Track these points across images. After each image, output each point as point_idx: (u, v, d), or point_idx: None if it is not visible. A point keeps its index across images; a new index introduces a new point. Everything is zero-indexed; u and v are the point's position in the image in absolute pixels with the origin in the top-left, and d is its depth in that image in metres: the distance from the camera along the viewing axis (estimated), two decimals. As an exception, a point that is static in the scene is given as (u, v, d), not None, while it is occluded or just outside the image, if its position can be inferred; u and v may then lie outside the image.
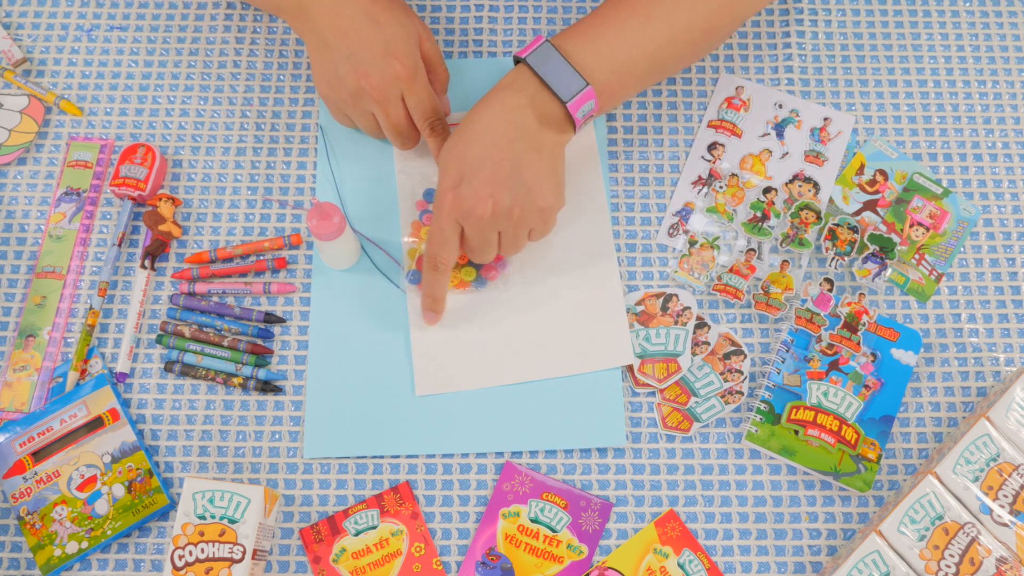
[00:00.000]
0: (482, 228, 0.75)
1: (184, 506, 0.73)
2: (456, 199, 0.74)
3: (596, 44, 0.77)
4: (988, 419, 0.76)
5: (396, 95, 0.79)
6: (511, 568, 0.77)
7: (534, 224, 0.77)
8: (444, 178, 0.76)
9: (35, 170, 0.88)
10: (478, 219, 0.74)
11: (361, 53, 0.77)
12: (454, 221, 0.75)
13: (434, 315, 0.81)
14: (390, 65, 0.77)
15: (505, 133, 0.75)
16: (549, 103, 0.76)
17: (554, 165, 0.77)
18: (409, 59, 0.78)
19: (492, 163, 0.74)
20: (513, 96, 0.76)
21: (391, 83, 0.78)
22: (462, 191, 0.74)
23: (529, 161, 0.75)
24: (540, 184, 0.76)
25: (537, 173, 0.75)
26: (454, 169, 0.75)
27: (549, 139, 0.77)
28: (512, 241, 0.78)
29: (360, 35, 0.77)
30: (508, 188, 0.74)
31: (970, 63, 0.92)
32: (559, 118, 0.77)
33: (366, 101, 0.79)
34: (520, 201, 0.75)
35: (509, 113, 0.75)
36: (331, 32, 0.78)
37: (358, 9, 0.78)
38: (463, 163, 0.75)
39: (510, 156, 0.74)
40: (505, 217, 0.75)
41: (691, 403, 0.81)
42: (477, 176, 0.74)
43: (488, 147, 0.74)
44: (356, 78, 0.78)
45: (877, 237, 0.84)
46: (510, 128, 0.75)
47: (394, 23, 0.78)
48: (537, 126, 0.76)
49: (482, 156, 0.74)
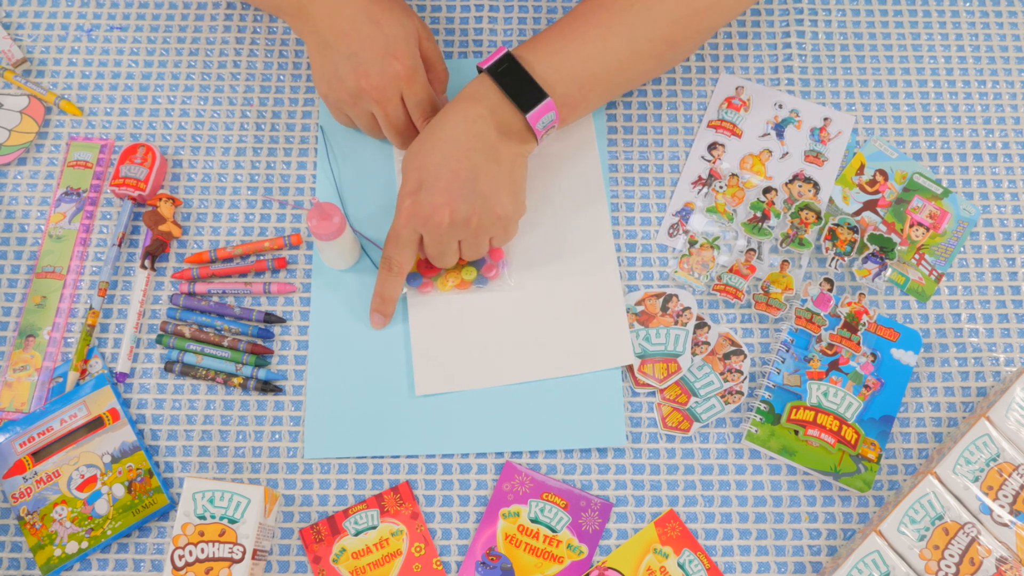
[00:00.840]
0: (440, 236, 0.76)
1: (184, 506, 0.73)
2: (414, 206, 0.76)
3: (557, 57, 0.78)
4: (988, 419, 0.76)
5: (396, 95, 0.79)
6: (511, 568, 0.77)
7: (494, 232, 0.78)
8: (404, 184, 0.77)
9: (35, 170, 0.88)
10: (435, 227, 0.76)
11: (361, 53, 0.77)
12: (412, 228, 0.77)
13: (381, 317, 0.82)
14: (390, 65, 0.78)
15: (464, 143, 0.76)
16: (509, 114, 0.77)
17: (512, 175, 0.78)
18: (409, 59, 0.78)
19: (450, 172, 0.75)
20: (474, 106, 0.77)
21: (391, 83, 0.78)
22: (420, 198, 0.75)
23: (487, 171, 0.76)
24: (497, 193, 0.76)
25: (494, 183, 0.76)
26: (414, 176, 0.76)
27: (509, 150, 0.77)
28: (473, 248, 0.79)
29: (360, 35, 0.78)
30: (464, 198, 0.75)
31: (970, 63, 0.92)
32: (519, 129, 0.78)
33: (366, 101, 0.79)
34: (477, 210, 0.76)
35: (470, 123, 0.76)
36: (331, 32, 0.78)
37: (358, 9, 0.78)
38: (423, 170, 0.76)
39: (468, 166, 0.75)
40: (463, 226, 0.76)
41: (691, 403, 0.81)
42: (435, 185, 0.75)
43: (447, 156, 0.75)
44: (356, 78, 0.78)
45: (877, 237, 0.84)
46: (469, 138, 0.76)
47: (394, 23, 0.78)
48: (497, 136, 0.77)
49: (440, 164, 0.75)
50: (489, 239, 0.79)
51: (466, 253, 0.80)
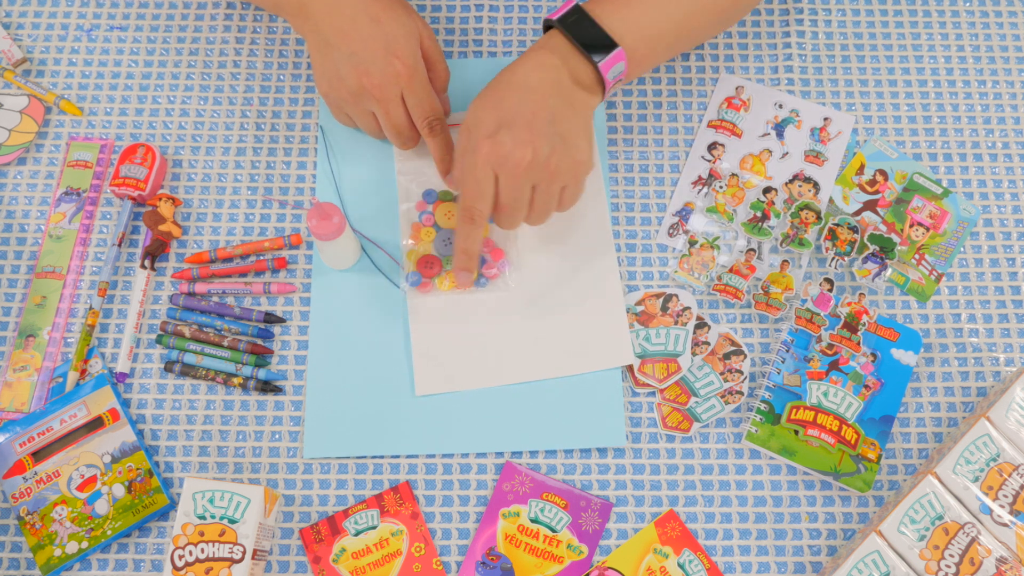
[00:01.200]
0: (518, 177, 0.74)
1: (184, 506, 0.73)
2: (494, 145, 0.73)
3: (625, 10, 0.78)
4: (988, 419, 0.76)
5: (396, 94, 0.79)
6: (511, 568, 0.77)
7: (567, 180, 0.76)
8: (477, 127, 0.75)
9: (35, 170, 0.88)
10: (515, 165, 0.73)
11: (362, 52, 0.77)
12: (490, 170, 0.74)
13: (467, 274, 0.80)
14: (390, 64, 0.78)
15: (540, 88, 0.75)
16: (580, 64, 0.77)
17: (587, 124, 0.78)
18: (409, 58, 0.78)
19: (529, 112, 0.74)
20: (547, 56, 0.77)
21: (391, 82, 0.78)
22: (501, 138, 0.73)
23: (564, 115, 0.75)
24: (576, 138, 0.76)
25: (572, 127, 0.76)
26: (490, 118, 0.75)
27: (581, 98, 0.77)
28: (545, 199, 0.76)
29: (361, 34, 0.78)
30: (546, 137, 0.74)
31: (970, 63, 0.92)
32: (590, 80, 0.78)
33: (366, 100, 0.79)
34: (558, 151, 0.74)
35: (543, 70, 0.76)
36: (332, 31, 0.78)
37: (359, 8, 0.78)
38: (499, 112, 0.74)
39: (546, 108, 0.74)
40: (543, 167, 0.74)
41: (691, 403, 0.81)
42: (515, 123, 0.74)
43: (524, 99, 0.75)
44: (357, 77, 0.78)
45: (877, 237, 0.84)
46: (546, 84, 0.75)
47: (394, 22, 0.78)
48: (570, 84, 0.76)
49: (519, 106, 0.74)
50: (561, 189, 0.77)
51: (537, 203, 0.77)
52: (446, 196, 0.86)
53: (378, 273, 0.85)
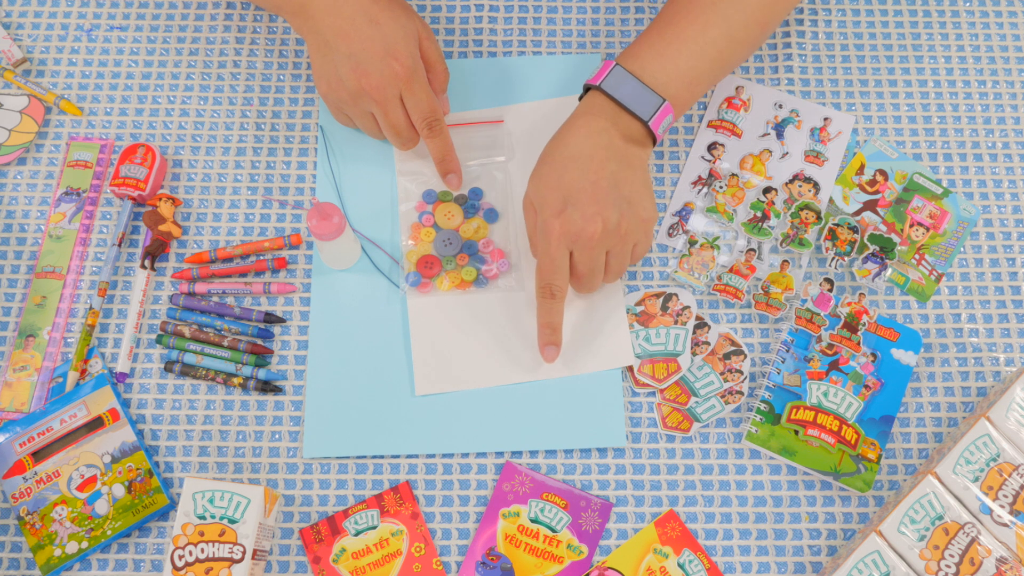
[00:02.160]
0: (593, 248, 0.76)
1: (184, 506, 0.73)
2: (565, 223, 0.75)
3: (663, 60, 0.79)
4: (988, 419, 0.76)
5: (395, 95, 0.79)
6: (511, 568, 0.77)
7: (638, 237, 0.78)
8: (545, 207, 0.76)
9: (35, 170, 0.88)
10: (589, 239, 0.75)
11: (361, 53, 0.78)
12: (564, 247, 0.76)
13: (554, 348, 0.80)
14: (389, 65, 0.78)
15: (595, 155, 0.76)
16: (630, 123, 0.78)
17: (646, 179, 0.79)
18: (408, 59, 0.78)
19: (591, 184, 0.75)
20: (595, 120, 0.77)
21: (390, 83, 0.78)
22: (569, 215, 0.75)
23: (625, 177, 0.77)
24: (640, 197, 0.77)
25: (634, 187, 0.77)
26: (554, 196, 0.76)
27: (636, 154, 0.78)
28: (620, 259, 0.78)
29: (360, 35, 0.78)
30: (613, 205, 0.75)
31: (970, 63, 0.92)
32: (641, 135, 0.79)
33: (365, 101, 0.79)
34: (626, 216, 0.76)
35: (595, 136, 0.77)
36: (331, 32, 0.78)
37: (358, 9, 0.78)
38: (562, 189, 0.76)
39: (606, 175, 0.76)
40: (614, 233, 0.76)
41: (691, 403, 0.81)
42: (580, 198, 0.75)
43: (584, 170, 0.76)
44: (356, 78, 0.78)
45: (877, 237, 0.84)
46: (599, 150, 0.76)
47: (393, 23, 0.78)
48: (623, 144, 0.77)
49: (580, 179, 0.75)
50: (633, 246, 0.79)
51: (613, 265, 0.79)
52: (446, 197, 0.87)
53: (378, 273, 0.85)
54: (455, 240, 0.85)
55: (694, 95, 0.81)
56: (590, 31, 0.93)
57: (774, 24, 0.83)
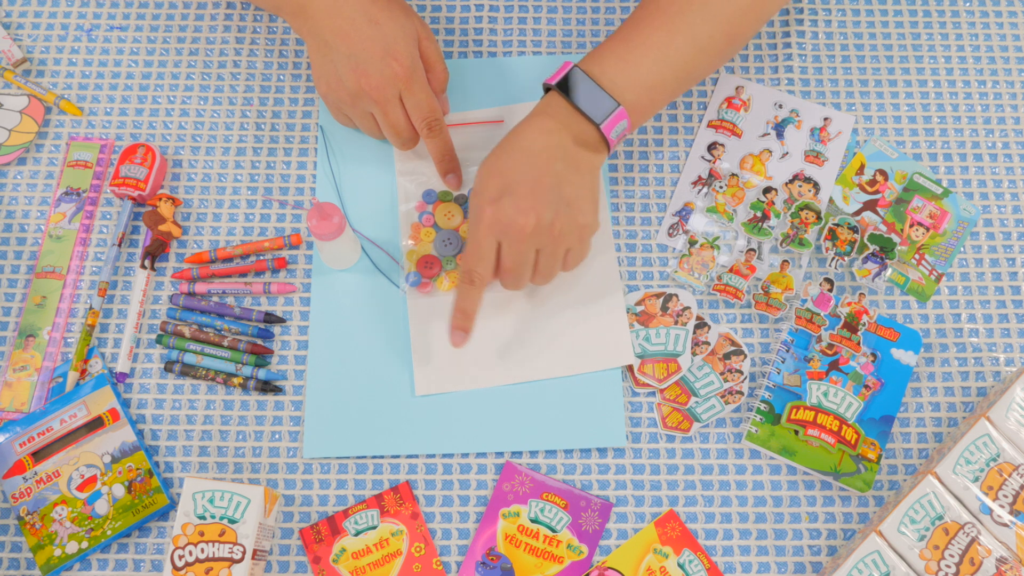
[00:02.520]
0: (521, 243, 0.74)
1: (184, 506, 0.73)
2: (497, 212, 0.74)
3: (623, 64, 0.78)
4: (988, 419, 0.76)
5: (394, 95, 0.79)
6: (511, 568, 0.77)
7: (572, 243, 0.76)
8: (482, 192, 0.75)
9: (35, 170, 0.88)
10: (519, 232, 0.74)
11: (360, 53, 0.78)
12: (493, 236, 0.75)
13: (463, 334, 0.79)
14: (388, 65, 0.78)
15: (544, 152, 0.75)
16: (583, 126, 0.77)
17: (592, 185, 0.77)
18: (407, 59, 0.78)
19: (532, 179, 0.74)
20: (548, 121, 0.76)
21: (389, 83, 0.78)
22: (503, 204, 0.74)
23: (569, 179, 0.75)
24: (580, 201, 0.76)
25: (577, 190, 0.76)
26: (494, 183, 0.75)
27: (587, 159, 0.77)
28: (549, 261, 0.77)
29: (359, 35, 0.78)
30: (550, 203, 0.74)
31: (970, 63, 0.92)
32: (594, 140, 0.78)
33: (365, 101, 0.79)
34: (561, 216, 0.74)
35: (546, 135, 0.76)
36: (330, 32, 0.78)
37: (357, 9, 0.78)
38: (504, 178, 0.75)
39: (550, 173, 0.74)
40: (546, 232, 0.74)
41: (691, 403, 0.81)
42: (518, 190, 0.74)
43: (529, 164, 0.75)
44: (355, 78, 0.78)
45: (877, 237, 0.84)
46: (549, 148, 0.75)
47: (392, 23, 0.78)
48: (574, 147, 0.76)
49: (523, 172, 0.74)
50: (565, 252, 0.77)
51: (542, 266, 0.77)
52: (446, 197, 0.87)
53: (378, 273, 0.85)
54: (455, 240, 0.85)
55: (654, 103, 0.80)
56: (590, 31, 0.93)
57: (744, 37, 0.82)
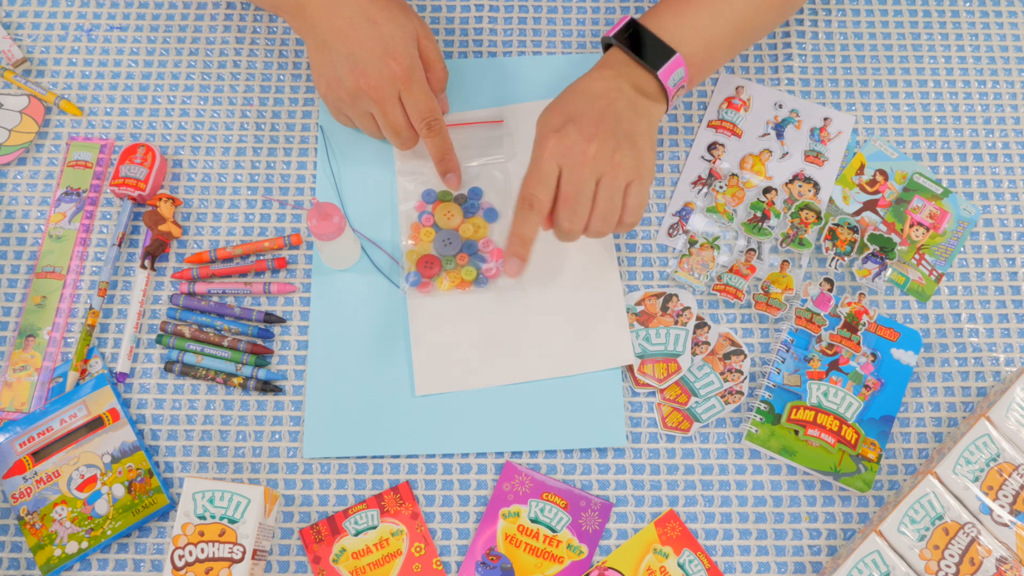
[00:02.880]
0: (583, 167, 0.74)
1: (184, 506, 0.73)
2: (560, 138, 0.74)
3: (681, 18, 0.79)
4: (988, 419, 0.76)
5: (393, 95, 0.79)
6: (511, 568, 0.77)
7: (632, 176, 0.76)
8: (545, 126, 0.76)
9: (35, 170, 0.88)
10: (580, 155, 0.74)
11: (359, 53, 0.78)
12: (554, 161, 0.75)
13: (519, 262, 0.77)
14: (387, 65, 0.78)
15: (606, 95, 0.76)
16: (642, 76, 0.78)
17: (651, 132, 0.78)
18: (406, 59, 0.78)
19: (597, 113, 0.75)
20: (608, 70, 0.78)
21: (388, 83, 0.78)
22: (567, 131, 0.75)
23: (630, 119, 0.76)
24: (640, 139, 0.76)
25: (637, 129, 0.76)
26: (557, 118, 0.76)
27: (646, 106, 0.78)
28: (608, 193, 0.75)
29: (358, 35, 0.78)
30: (612, 134, 0.75)
31: (970, 63, 0.92)
32: (653, 90, 0.79)
33: (364, 101, 0.80)
34: (623, 147, 0.75)
35: (608, 81, 0.77)
36: (329, 32, 0.78)
37: (356, 9, 0.78)
38: (566, 111, 0.76)
39: (613, 111, 0.76)
40: (607, 159, 0.74)
41: (691, 403, 0.81)
42: (582, 120, 0.75)
43: (591, 103, 0.76)
44: (354, 78, 0.78)
45: (877, 237, 0.84)
46: (611, 91, 0.77)
47: (391, 23, 0.78)
48: (634, 93, 0.77)
49: (586, 108, 0.76)
50: (625, 187, 0.76)
51: (601, 200, 0.75)
52: (445, 196, 0.87)
53: (378, 273, 0.85)
54: (455, 240, 0.85)
55: (711, 58, 0.81)
56: (590, 31, 0.93)
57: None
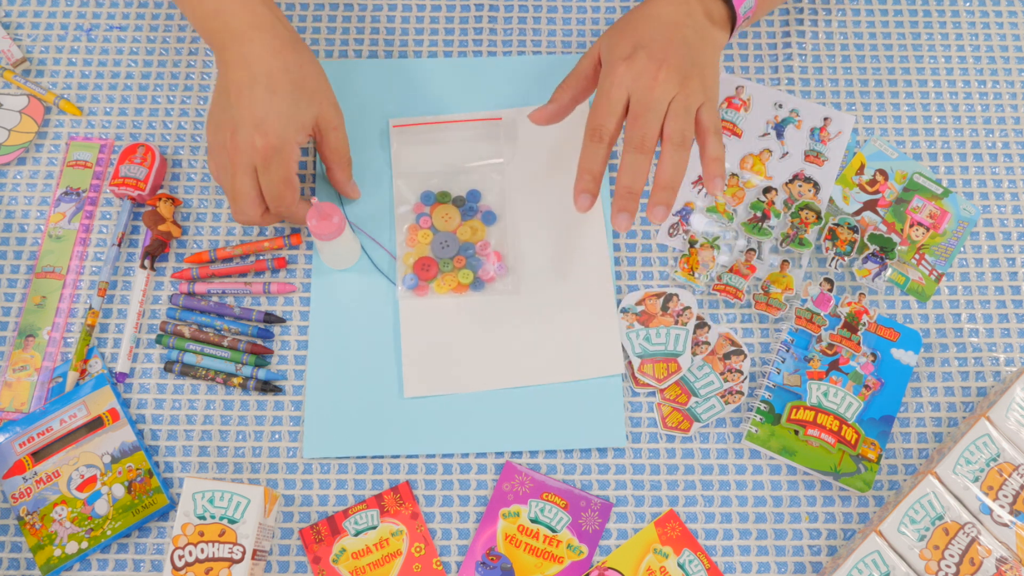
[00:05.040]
0: (653, 88, 0.73)
1: (184, 506, 0.73)
2: (630, 65, 0.74)
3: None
4: (988, 419, 0.76)
5: (249, 166, 0.76)
6: (511, 568, 0.77)
7: (702, 100, 0.75)
8: (613, 52, 0.75)
9: (35, 170, 0.88)
10: (650, 81, 0.73)
11: (239, 113, 0.75)
12: (624, 90, 0.74)
13: (589, 196, 0.75)
14: (251, 136, 0.75)
15: (674, 19, 0.76)
16: (712, 2, 0.78)
17: (715, 60, 0.78)
18: (275, 139, 0.75)
19: (665, 38, 0.75)
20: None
21: (246, 153, 0.76)
22: (637, 57, 0.74)
23: (698, 46, 0.76)
24: (708, 68, 0.76)
25: (705, 56, 0.76)
26: (626, 43, 0.75)
27: (712, 34, 0.78)
28: (679, 110, 0.74)
29: (248, 97, 0.75)
30: (682, 57, 0.74)
31: (970, 63, 0.92)
32: (721, 17, 0.79)
33: (223, 158, 0.77)
34: (692, 73, 0.75)
35: (676, 5, 0.77)
36: (231, 81, 0.76)
37: (263, 72, 0.76)
38: (634, 38, 0.75)
39: (681, 37, 0.75)
40: (678, 84, 0.74)
41: (691, 403, 0.81)
42: (652, 46, 0.74)
43: (660, 28, 0.76)
44: (226, 134, 0.76)
45: (877, 237, 0.84)
46: (679, 15, 0.77)
47: (286, 100, 0.76)
48: (703, 19, 0.78)
49: (655, 32, 0.75)
50: (697, 108, 0.75)
51: (673, 114, 0.74)
52: (444, 198, 0.86)
53: (378, 273, 0.85)
54: (452, 242, 0.85)
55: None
56: (590, 31, 0.93)
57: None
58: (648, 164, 0.74)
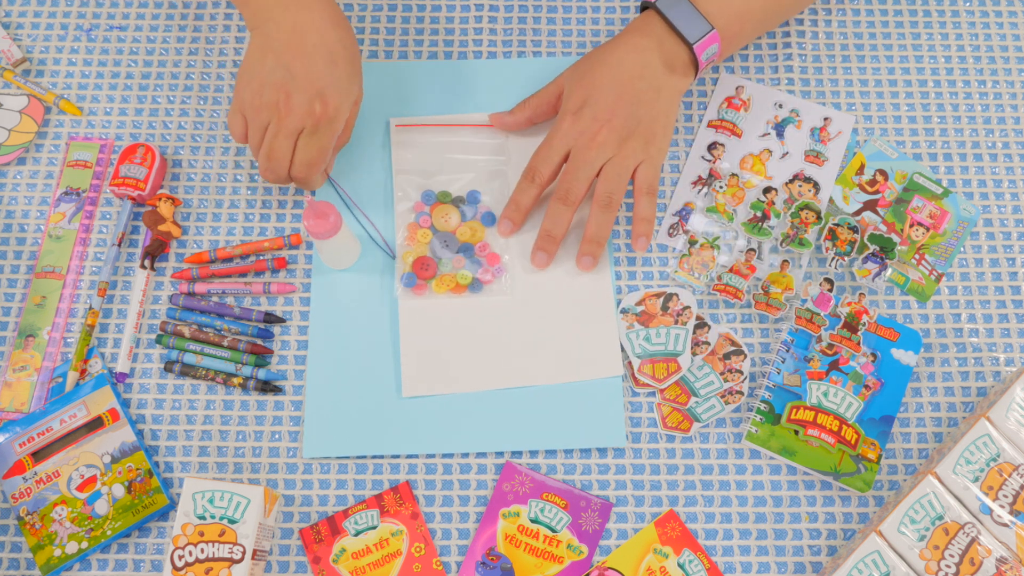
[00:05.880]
0: (589, 152, 0.80)
1: (184, 506, 0.73)
2: (574, 121, 0.80)
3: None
4: (988, 419, 0.76)
5: (296, 130, 0.77)
6: (511, 568, 0.77)
7: (639, 159, 0.80)
8: (568, 101, 0.82)
9: (35, 170, 0.88)
10: (589, 140, 0.79)
11: (299, 77, 0.76)
12: (566, 143, 0.81)
13: (511, 224, 0.84)
14: (313, 103, 0.76)
15: (631, 70, 0.80)
16: (675, 47, 0.81)
17: (670, 110, 0.82)
18: (332, 111, 0.77)
19: (615, 94, 0.79)
20: (642, 39, 0.81)
21: (301, 117, 0.76)
22: (582, 114, 0.80)
23: (648, 100, 0.80)
24: (653, 124, 0.80)
25: (653, 113, 0.80)
26: (579, 94, 0.81)
27: (670, 84, 0.81)
28: (615, 172, 0.80)
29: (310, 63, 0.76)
30: (627, 117, 0.79)
31: (970, 63, 0.92)
32: (683, 62, 0.82)
33: (269, 116, 0.77)
34: (636, 132, 0.79)
35: (638, 53, 0.80)
36: (284, 45, 0.76)
37: (321, 43, 0.76)
38: (588, 90, 0.80)
39: (632, 91, 0.79)
40: (615, 146, 0.79)
41: (691, 403, 0.81)
42: (599, 102, 0.80)
43: (613, 79, 0.80)
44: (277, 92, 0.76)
45: (877, 237, 0.84)
46: (637, 66, 0.80)
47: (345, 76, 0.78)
48: (662, 69, 0.81)
49: (606, 86, 0.80)
50: (633, 169, 0.81)
51: (601, 183, 0.80)
52: (444, 198, 0.86)
53: (378, 273, 0.85)
54: (452, 242, 0.85)
55: (743, 31, 0.84)
56: (590, 31, 0.93)
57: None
58: (570, 215, 0.82)
